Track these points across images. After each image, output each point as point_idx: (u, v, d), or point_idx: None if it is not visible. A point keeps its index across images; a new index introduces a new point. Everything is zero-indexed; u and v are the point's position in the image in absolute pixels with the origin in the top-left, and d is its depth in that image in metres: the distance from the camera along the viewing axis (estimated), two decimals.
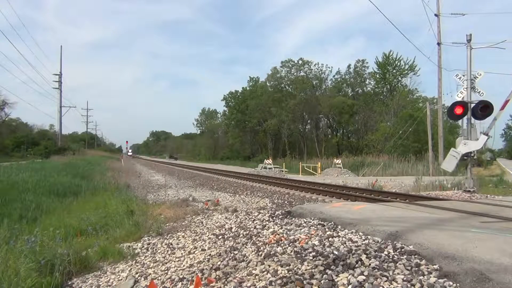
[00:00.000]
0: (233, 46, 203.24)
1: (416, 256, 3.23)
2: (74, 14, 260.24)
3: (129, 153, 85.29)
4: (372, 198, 10.73)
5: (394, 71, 48.23)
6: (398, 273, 2.85)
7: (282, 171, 30.97)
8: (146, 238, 6.24)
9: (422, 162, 26.45)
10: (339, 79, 56.08)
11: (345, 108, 48.27)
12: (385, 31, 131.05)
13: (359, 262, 3.12)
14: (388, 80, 48.64)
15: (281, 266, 3.24)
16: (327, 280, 2.81)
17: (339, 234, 4.19)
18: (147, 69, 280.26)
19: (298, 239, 4.07)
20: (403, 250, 3.39)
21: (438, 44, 23.93)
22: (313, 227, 4.65)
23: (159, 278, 4.16)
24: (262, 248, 4.05)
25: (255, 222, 5.69)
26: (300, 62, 54.60)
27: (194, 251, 4.94)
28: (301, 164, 31.35)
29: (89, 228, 6.71)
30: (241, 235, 5.07)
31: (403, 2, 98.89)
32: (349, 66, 55.08)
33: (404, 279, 2.71)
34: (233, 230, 5.54)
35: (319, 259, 3.25)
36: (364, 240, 3.86)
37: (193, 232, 6.16)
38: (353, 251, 3.37)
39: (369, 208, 6.37)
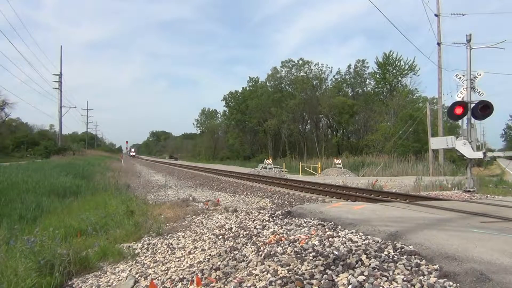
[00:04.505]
0: (233, 46, 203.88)
1: (416, 256, 3.22)
2: (73, 13, 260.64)
3: (131, 153, 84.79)
4: (372, 198, 10.73)
5: (394, 71, 48.25)
6: (398, 273, 2.85)
7: (282, 171, 30.97)
8: (146, 238, 6.24)
9: (422, 162, 26.46)
10: (339, 79, 56.12)
11: (345, 108, 48.28)
12: (385, 31, 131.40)
13: (359, 262, 3.11)
14: (388, 80, 48.65)
15: (281, 266, 3.23)
16: (327, 280, 2.81)
17: (339, 234, 4.19)
18: (147, 69, 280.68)
19: (298, 239, 4.07)
20: (403, 250, 3.38)
21: (438, 44, 23.96)
22: (313, 227, 4.64)
23: (159, 278, 4.16)
24: (262, 248, 4.05)
25: (255, 222, 5.69)
26: (300, 62, 54.69)
27: (194, 251, 4.94)
28: (301, 164, 31.34)
29: (89, 228, 6.69)
30: (241, 235, 5.06)
31: (403, 2, 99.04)
32: (349, 66, 55.21)
33: (404, 279, 2.71)
34: (233, 230, 5.53)
35: (319, 259, 3.25)
36: (364, 240, 3.85)
37: (193, 232, 6.15)
38: (353, 251, 3.37)
39: (369, 208, 6.37)
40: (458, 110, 10.95)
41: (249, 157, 56.87)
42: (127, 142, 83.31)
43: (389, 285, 2.64)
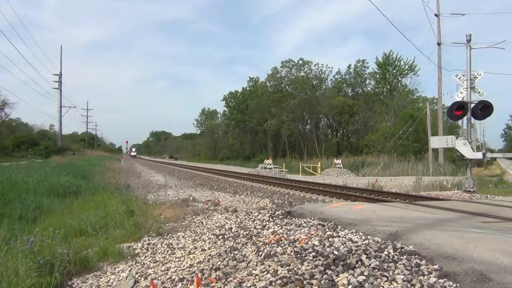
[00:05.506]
0: (233, 46, 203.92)
1: (416, 256, 3.22)
2: (73, 13, 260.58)
3: (131, 153, 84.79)
4: (372, 198, 10.73)
5: (394, 71, 48.26)
6: (398, 273, 2.85)
7: (282, 171, 30.96)
8: (146, 238, 6.24)
9: (422, 162, 26.46)
10: (339, 79, 56.11)
11: (345, 108, 48.27)
12: (385, 31, 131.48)
13: (359, 262, 3.11)
14: (388, 80, 48.66)
15: (281, 266, 3.23)
16: (327, 280, 2.81)
17: (339, 234, 4.19)
18: (147, 69, 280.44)
19: (298, 239, 4.07)
20: (403, 250, 3.38)
21: (438, 44, 23.97)
22: (313, 227, 4.64)
23: (159, 278, 4.16)
24: (262, 248, 4.05)
25: (255, 222, 5.69)
26: (300, 62, 54.62)
27: (194, 251, 4.94)
28: (301, 164, 31.34)
29: (89, 228, 6.69)
30: (241, 235, 5.06)
31: (403, 2, 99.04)
32: (349, 66, 55.18)
33: (404, 279, 2.71)
34: (233, 230, 5.53)
35: (319, 259, 3.25)
36: (364, 240, 3.85)
37: (193, 232, 6.16)
38: (353, 251, 3.37)
39: (369, 208, 6.37)
40: (458, 110, 10.96)
41: (249, 157, 56.86)
42: (127, 142, 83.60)
43: (389, 285, 2.64)
